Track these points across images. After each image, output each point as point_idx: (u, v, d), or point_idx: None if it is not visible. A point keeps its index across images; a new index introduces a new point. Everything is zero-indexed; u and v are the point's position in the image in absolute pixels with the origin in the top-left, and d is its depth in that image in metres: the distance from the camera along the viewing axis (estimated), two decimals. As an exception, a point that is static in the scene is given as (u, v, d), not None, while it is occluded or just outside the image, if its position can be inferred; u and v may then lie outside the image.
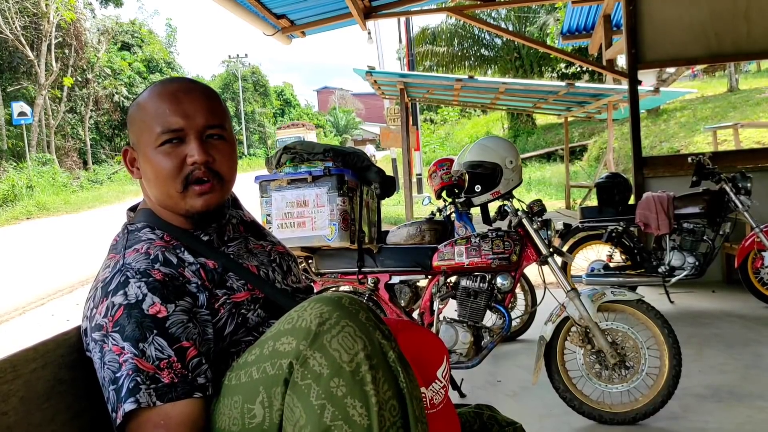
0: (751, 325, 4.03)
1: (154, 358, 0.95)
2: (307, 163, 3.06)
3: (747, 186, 4.26)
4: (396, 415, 0.85)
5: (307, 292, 1.27)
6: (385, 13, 6.50)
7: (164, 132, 1.08)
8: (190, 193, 1.09)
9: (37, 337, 1.03)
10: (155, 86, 1.13)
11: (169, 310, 0.99)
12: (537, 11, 21.71)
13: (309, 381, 0.84)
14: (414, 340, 1.06)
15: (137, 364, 0.94)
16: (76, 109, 25.11)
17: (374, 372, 0.85)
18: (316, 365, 0.84)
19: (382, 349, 0.88)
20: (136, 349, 0.95)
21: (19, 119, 18.77)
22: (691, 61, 5.82)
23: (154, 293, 0.99)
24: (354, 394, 0.83)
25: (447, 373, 1.10)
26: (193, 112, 1.09)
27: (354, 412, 0.82)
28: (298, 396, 0.84)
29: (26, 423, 0.92)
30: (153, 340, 0.95)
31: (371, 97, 47.43)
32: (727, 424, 2.62)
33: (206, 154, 1.08)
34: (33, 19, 21.57)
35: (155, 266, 1.03)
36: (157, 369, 0.94)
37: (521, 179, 3.05)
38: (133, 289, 0.99)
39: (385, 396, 0.85)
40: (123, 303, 0.98)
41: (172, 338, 0.97)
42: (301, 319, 0.89)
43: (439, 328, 2.95)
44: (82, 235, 11.07)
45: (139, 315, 0.97)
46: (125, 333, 0.96)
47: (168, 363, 0.95)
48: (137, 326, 0.96)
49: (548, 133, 22.29)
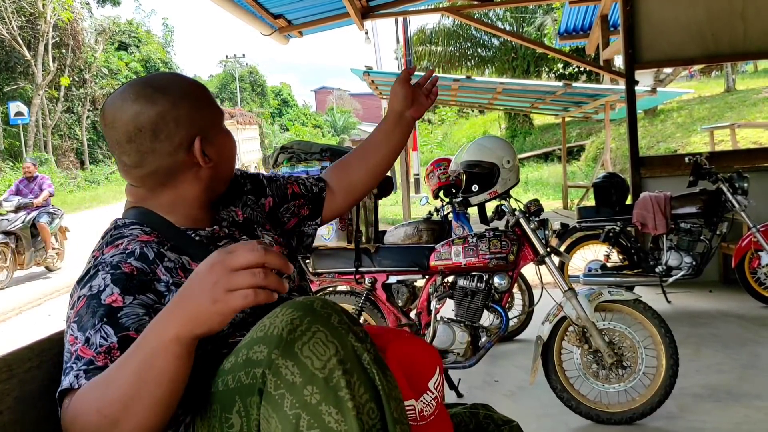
0: (748, 325, 4.03)
1: (97, 345, 0.93)
2: (304, 162, 3.07)
3: (744, 186, 4.27)
4: (375, 418, 0.84)
5: (301, 293, 1.26)
6: (383, 13, 6.50)
7: (222, 118, 1.20)
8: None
9: (33, 337, 1.02)
10: (181, 81, 1.14)
11: (126, 302, 0.98)
12: (534, 11, 21.73)
13: (282, 390, 0.83)
14: (405, 351, 1.05)
15: (81, 353, 0.93)
16: (73, 109, 25.08)
17: (348, 376, 0.83)
18: (288, 374, 0.83)
19: (356, 352, 0.87)
20: (83, 337, 0.94)
21: (16, 119, 18.74)
22: (688, 62, 5.83)
23: (116, 284, 0.99)
24: (328, 400, 0.81)
25: (440, 384, 1.09)
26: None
27: (330, 419, 0.81)
28: (272, 406, 0.83)
29: (21, 422, 0.92)
30: (101, 328, 0.94)
31: (369, 98, 47.41)
32: (725, 424, 2.63)
33: None
34: (30, 18, 21.53)
35: (128, 260, 1.03)
36: (95, 354, 0.93)
37: (518, 179, 3.05)
38: (98, 280, 1.00)
39: (362, 399, 0.83)
40: (86, 294, 0.99)
41: (121, 327, 0.95)
42: (273, 326, 0.88)
43: (437, 327, 2.95)
44: (79, 235, 10.99)
45: (96, 305, 0.97)
46: (81, 323, 0.96)
47: (107, 349, 0.93)
48: (92, 316, 0.96)
49: (545, 134, 22.30)
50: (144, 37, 31.89)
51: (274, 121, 45.32)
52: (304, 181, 1.42)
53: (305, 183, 1.42)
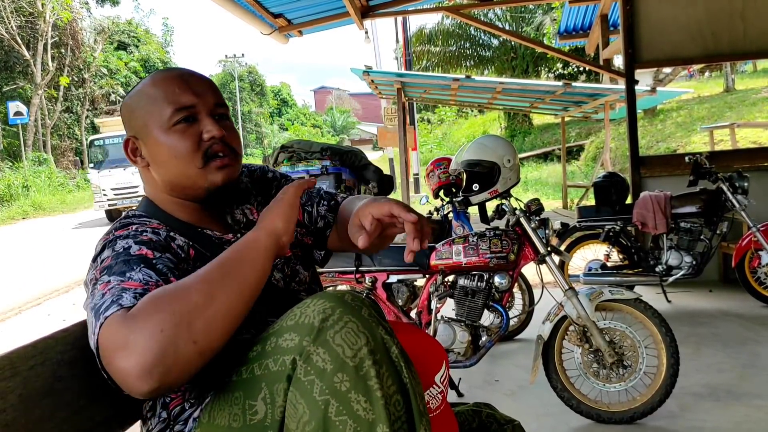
0: (749, 325, 4.04)
1: (142, 280, 0.92)
2: (304, 161, 3.07)
3: (744, 185, 4.27)
4: (401, 410, 0.85)
5: (310, 294, 1.25)
6: (383, 13, 6.50)
7: (177, 110, 1.08)
8: (211, 168, 1.10)
9: (33, 337, 1.02)
10: (155, 74, 1.14)
11: (156, 255, 0.99)
12: (534, 11, 21.73)
13: (312, 377, 0.84)
14: (411, 343, 1.05)
15: (123, 286, 0.91)
16: (73, 108, 25.07)
17: (378, 367, 0.84)
18: (320, 361, 0.84)
19: (385, 345, 0.88)
20: (123, 277, 0.93)
21: (15, 119, 18.73)
22: (687, 61, 5.83)
23: (140, 244, 1.00)
24: (358, 388, 0.83)
25: (446, 378, 1.09)
26: (203, 91, 1.12)
27: (358, 407, 0.82)
28: (301, 392, 0.84)
29: (25, 420, 0.91)
30: (140, 270, 0.94)
31: (368, 97, 47.43)
32: (725, 423, 2.63)
33: (221, 129, 1.11)
34: (29, 18, 21.53)
35: (143, 233, 1.04)
36: (145, 285, 0.91)
37: (519, 178, 3.05)
38: (121, 243, 1.00)
39: (389, 390, 0.85)
40: (110, 255, 0.99)
41: (160, 272, 0.96)
42: (304, 315, 0.89)
43: (437, 327, 2.95)
44: (78, 234, 11.03)
45: (126, 256, 0.97)
46: (112, 270, 0.95)
47: (156, 284, 0.93)
48: (124, 263, 0.95)
49: (545, 133, 22.30)
50: (143, 37, 31.89)
51: (274, 121, 45.35)
52: (311, 211, 1.33)
53: (311, 213, 1.33)
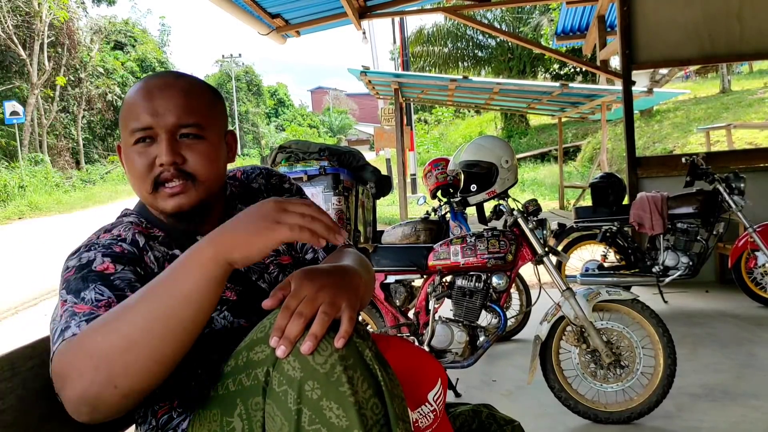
0: (745, 325, 4.05)
1: (93, 300, 0.92)
2: (302, 162, 3.06)
3: (740, 186, 4.29)
4: (379, 413, 0.83)
5: None
6: (380, 13, 6.50)
7: (135, 130, 1.05)
8: (161, 194, 1.06)
9: (30, 337, 1.02)
10: (139, 82, 1.11)
11: (117, 269, 0.98)
12: (531, 12, 21.77)
13: (285, 387, 0.82)
14: (403, 359, 1.03)
15: (74, 310, 0.92)
16: (69, 108, 25.00)
17: (351, 372, 0.82)
18: (291, 369, 0.82)
19: (358, 348, 0.86)
20: (77, 298, 0.93)
21: (11, 118, 18.65)
22: (684, 62, 5.86)
23: (106, 257, 0.99)
24: (329, 396, 0.81)
25: (440, 397, 1.06)
26: (164, 111, 1.04)
27: (331, 414, 0.80)
28: (276, 404, 0.83)
29: (24, 421, 0.91)
30: (94, 288, 0.94)
31: (365, 98, 47.44)
32: (722, 423, 2.63)
33: (174, 154, 1.03)
34: (25, 18, 21.46)
35: (119, 243, 1.03)
36: (93, 307, 0.91)
37: (517, 179, 3.06)
38: (88, 254, 1.00)
39: (365, 395, 0.83)
40: (75, 265, 0.98)
41: (116, 288, 0.95)
42: (273, 326, 0.87)
43: (435, 327, 2.95)
44: (75, 235, 11.00)
45: (87, 272, 0.97)
46: (69, 287, 0.95)
47: (107, 303, 0.92)
48: (82, 280, 0.95)
49: (542, 134, 22.34)
50: (140, 37, 31.81)
51: (270, 122, 45.30)
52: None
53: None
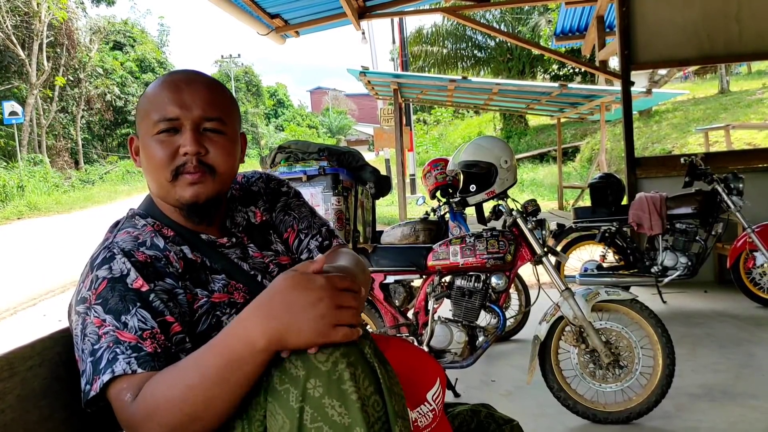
0: (744, 325, 4.05)
1: (137, 329, 0.94)
2: (301, 162, 3.06)
3: (739, 186, 4.29)
4: (380, 410, 0.84)
5: None
6: (380, 13, 6.51)
7: (160, 120, 1.07)
8: (180, 183, 1.08)
9: (28, 337, 1.02)
10: (162, 76, 1.13)
11: (150, 287, 0.99)
12: (530, 12, 21.78)
13: (287, 385, 0.83)
14: (402, 359, 1.03)
15: (118, 336, 0.93)
16: (68, 108, 24.97)
17: (353, 369, 0.83)
18: (292, 368, 0.83)
19: (359, 345, 0.87)
20: (118, 321, 0.94)
21: (10, 119, 18.64)
22: (683, 63, 5.86)
23: (137, 270, 1.00)
24: (331, 393, 0.81)
25: (439, 397, 1.07)
26: (191, 103, 1.08)
27: (333, 412, 0.81)
28: (279, 403, 0.83)
29: (23, 421, 0.91)
30: (136, 312, 0.95)
31: (364, 98, 47.44)
32: (720, 423, 2.64)
33: (199, 145, 1.07)
34: (24, 18, 21.44)
35: (140, 249, 1.04)
36: (139, 339, 0.93)
37: (516, 179, 3.06)
38: (119, 264, 1.00)
39: (367, 392, 0.83)
40: (107, 276, 0.98)
41: (156, 312, 0.96)
42: None
43: (434, 327, 2.96)
44: (73, 235, 11.00)
45: (123, 288, 0.97)
46: (108, 305, 0.95)
47: (151, 333, 0.94)
48: (120, 299, 0.96)
49: (541, 135, 22.35)
50: (139, 37, 31.80)
51: (270, 122, 45.28)
52: (303, 240, 1.29)
53: (302, 242, 1.29)
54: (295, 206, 1.32)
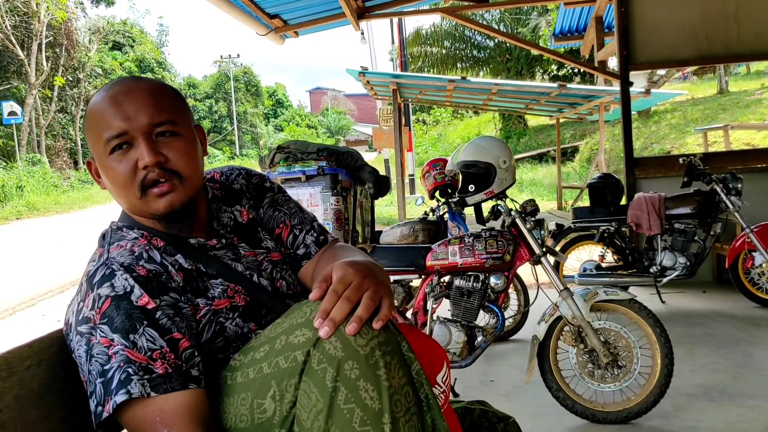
0: (742, 325, 4.06)
1: (146, 349, 0.93)
2: (300, 162, 3.07)
3: (737, 187, 4.30)
4: (410, 401, 0.86)
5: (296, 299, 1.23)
6: (379, 14, 6.51)
7: (110, 139, 1.03)
8: (150, 197, 1.05)
9: (27, 337, 1.01)
10: (99, 92, 1.09)
11: (157, 303, 0.98)
12: (529, 13, 21.79)
13: (324, 365, 0.84)
14: (412, 343, 1.05)
15: (128, 356, 0.92)
16: (67, 108, 24.97)
17: (388, 358, 0.85)
18: (332, 349, 0.84)
19: (396, 338, 0.89)
20: (127, 340, 0.93)
21: (9, 119, 18.64)
22: (682, 63, 5.86)
23: (140, 286, 0.98)
24: (367, 377, 0.83)
25: (448, 379, 1.09)
26: (135, 113, 1.03)
27: (366, 395, 0.82)
28: (314, 380, 0.84)
29: (21, 421, 0.91)
30: (144, 331, 0.94)
31: (363, 98, 47.43)
32: (719, 423, 2.64)
33: (156, 154, 1.03)
34: (23, 18, 21.43)
35: (139, 263, 1.02)
36: (149, 360, 0.92)
37: (515, 179, 3.06)
38: (120, 281, 0.98)
39: (400, 382, 0.85)
40: (110, 294, 0.96)
41: (163, 329, 0.96)
42: (314, 311, 0.89)
43: (433, 327, 2.96)
44: (72, 235, 11.00)
45: (128, 306, 0.95)
46: (114, 324, 0.94)
47: (161, 353, 0.93)
48: (127, 317, 0.94)
49: (540, 135, 22.36)
50: (138, 37, 31.81)
51: (269, 122, 45.26)
52: (298, 235, 1.28)
53: (297, 237, 1.28)
54: (282, 202, 1.31)
